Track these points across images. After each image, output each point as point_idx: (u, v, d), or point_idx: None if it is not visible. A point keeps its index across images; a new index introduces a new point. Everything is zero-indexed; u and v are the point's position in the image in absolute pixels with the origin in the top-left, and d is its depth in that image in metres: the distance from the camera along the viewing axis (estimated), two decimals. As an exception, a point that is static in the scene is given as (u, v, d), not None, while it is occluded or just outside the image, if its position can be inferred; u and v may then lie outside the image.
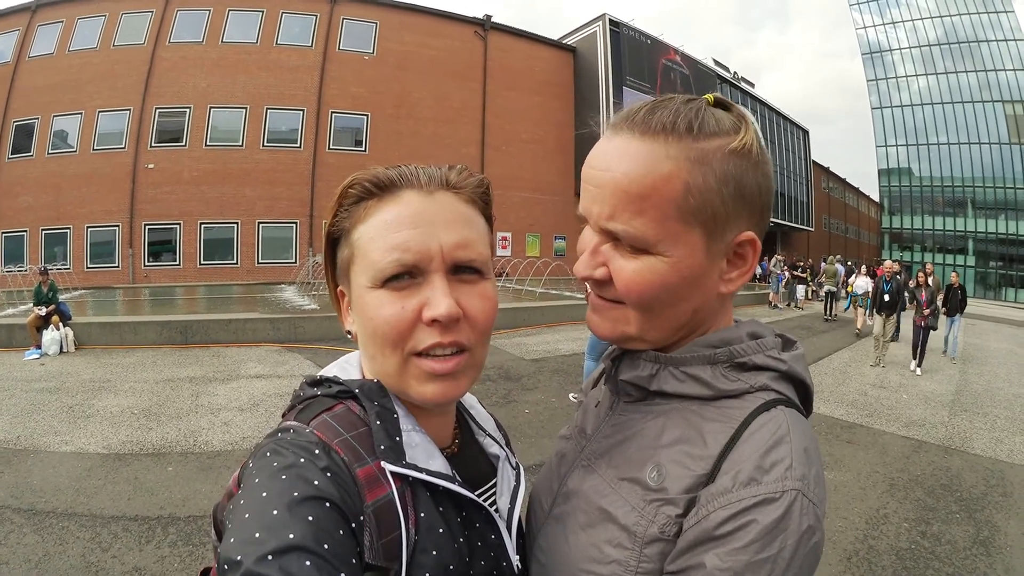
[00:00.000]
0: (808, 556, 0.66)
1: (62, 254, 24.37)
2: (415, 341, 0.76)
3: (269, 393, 8.08)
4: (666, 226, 0.76)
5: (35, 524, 4.34)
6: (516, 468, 0.97)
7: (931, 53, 56.42)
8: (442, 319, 0.74)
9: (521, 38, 32.20)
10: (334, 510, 0.63)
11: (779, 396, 0.79)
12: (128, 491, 4.96)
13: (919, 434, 7.28)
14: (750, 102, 43.36)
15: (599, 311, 0.85)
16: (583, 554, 0.80)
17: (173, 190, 24.84)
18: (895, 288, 12.21)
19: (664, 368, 0.85)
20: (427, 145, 27.96)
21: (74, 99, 24.87)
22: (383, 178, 0.79)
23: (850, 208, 66.55)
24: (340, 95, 27.10)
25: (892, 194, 61.63)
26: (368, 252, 0.77)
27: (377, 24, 28.03)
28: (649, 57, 33.40)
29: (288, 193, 25.95)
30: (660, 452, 0.80)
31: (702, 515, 0.70)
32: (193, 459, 5.74)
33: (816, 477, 0.71)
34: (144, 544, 4.12)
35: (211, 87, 25.46)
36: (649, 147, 0.76)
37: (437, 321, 0.74)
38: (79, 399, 7.62)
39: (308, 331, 12.17)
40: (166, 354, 10.59)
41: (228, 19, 26.13)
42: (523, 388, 8.75)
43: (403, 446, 0.76)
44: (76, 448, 5.94)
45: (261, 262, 25.86)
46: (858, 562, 4.23)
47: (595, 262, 0.81)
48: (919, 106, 57.53)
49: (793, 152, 49.19)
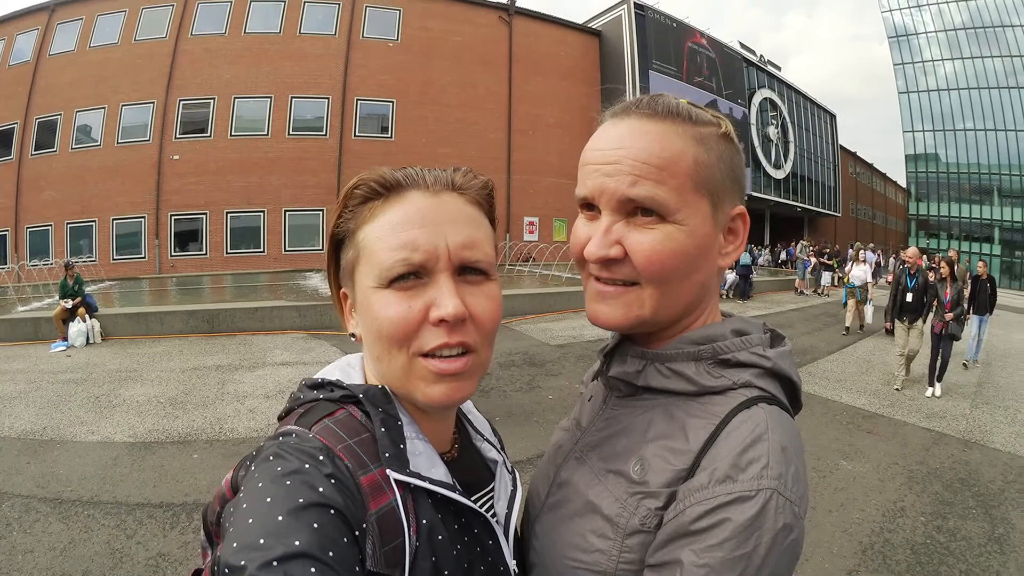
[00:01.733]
0: (785, 553, 0.67)
1: (87, 247, 24.58)
2: (421, 341, 0.75)
3: (295, 380, 8.05)
4: (683, 195, 0.79)
5: (60, 513, 4.40)
6: (512, 473, 0.98)
7: (957, 37, 55.66)
8: (449, 319, 0.74)
9: (546, 23, 31.90)
10: (338, 517, 0.63)
11: (762, 393, 0.80)
12: (153, 478, 5.04)
13: (940, 426, 7.23)
14: (777, 85, 42.67)
15: (608, 299, 0.84)
16: (570, 542, 0.83)
17: (199, 180, 24.95)
18: (921, 284, 9.05)
19: (650, 364, 0.87)
20: (453, 131, 27.93)
21: (97, 94, 25.08)
22: (389, 179, 0.79)
23: (877, 194, 65.50)
24: (365, 82, 27.00)
25: (919, 180, 60.93)
26: (374, 252, 0.77)
27: (401, 11, 27.89)
28: (675, 40, 32.90)
29: (315, 180, 25.91)
30: (645, 446, 0.82)
31: (679, 510, 0.72)
32: (219, 446, 5.88)
33: (794, 475, 0.71)
34: (168, 530, 4.19)
35: (235, 78, 25.52)
36: (660, 126, 0.81)
37: (444, 321, 0.74)
38: (105, 389, 7.72)
39: (335, 318, 11.63)
40: (193, 343, 10.77)
41: (250, 9, 26.19)
42: (547, 374, 8.83)
43: (407, 454, 0.76)
44: (102, 437, 6.06)
45: (288, 250, 25.91)
46: (873, 555, 4.23)
47: (609, 240, 0.81)
48: (945, 91, 56.75)
49: (820, 136, 48.33)
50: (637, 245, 0.79)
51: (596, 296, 0.85)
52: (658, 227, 0.79)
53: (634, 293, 0.82)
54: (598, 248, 0.81)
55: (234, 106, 25.55)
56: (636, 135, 0.80)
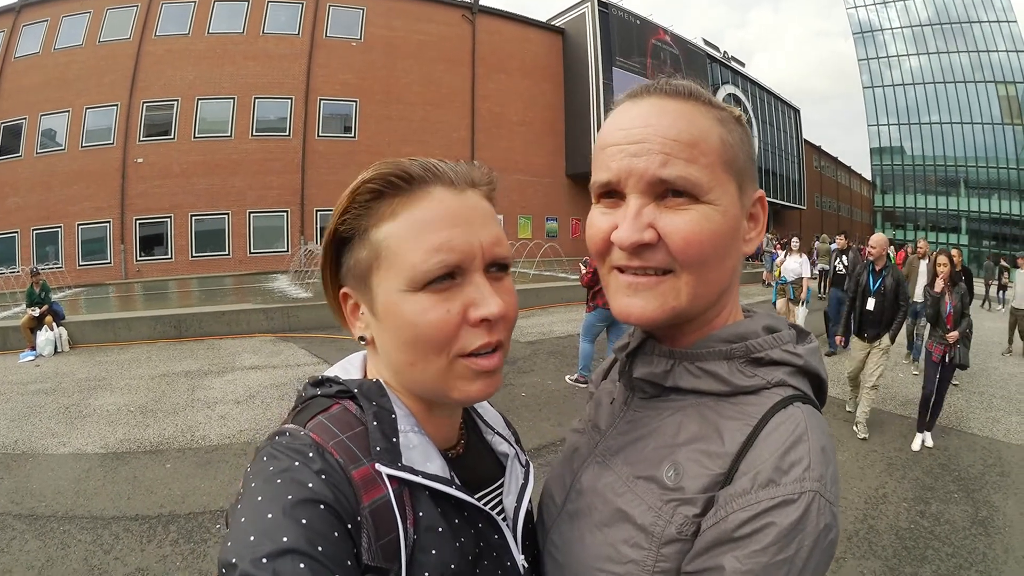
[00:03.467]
0: (824, 553, 0.67)
1: (54, 253, 24.21)
2: (463, 343, 0.74)
3: (265, 384, 8.07)
4: (715, 174, 0.76)
5: (36, 529, 4.33)
6: (526, 466, 0.95)
7: (923, 33, 56.41)
8: (493, 319, 0.74)
9: (509, 20, 32.07)
10: (329, 512, 0.64)
11: (796, 392, 0.78)
12: (127, 490, 4.97)
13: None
14: (741, 81, 43.35)
15: (641, 290, 0.78)
16: (599, 553, 0.79)
17: (163, 183, 24.72)
18: (891, 286, 6.39)
19: (679, 364, 0.84)
20: (417, 130, 28.00)
21: (61, 97, 24.72)
22: (412, 172, 0.75)
23: (842, 187, 66.59)
24: (328, 82, 26.98)
25: (884, 173, 61.73)
26: (403, 253, 0.73)
27: (364, 10, 27.88)
28: (639, 37, 33.33)
29: (279, 182, 25.85)
30: (677, 450, 0.79)
31: (721, 516, 0.69)
32: (191, 454, 5.72)
33: (832, 476, 0.71)
34: (146, 544, 4.12)
35: (198, 79, 25.31)
36: (683, 105, 0.78)
37: (486, 320, 0.74)
38: (75, 399, 7.59)
39: (302, 320, 12.16)
40: (161, 349, 10.59)
41: (214, 10, 25.96)
42: (519, 371, 8.75)
43: (400, 447, 0.75)
44: (74, 449, 5.90)
45: (253, 252, 25.81)
46: (858, 542, 4.24)
47: (641, 224, 0.75)
48: (911, 85, 57.56)
49: (784, 131, 49.10)
50: (673, 227, 0.75)
51: (626, 289, 0.79)
52: (693, 208, 0.75)
53: (669, 282, 0.77)
54: (630, 233, 0.75)
55: (198, 107, 25.34)
56: (661, 113, 0.77)
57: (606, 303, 6.46)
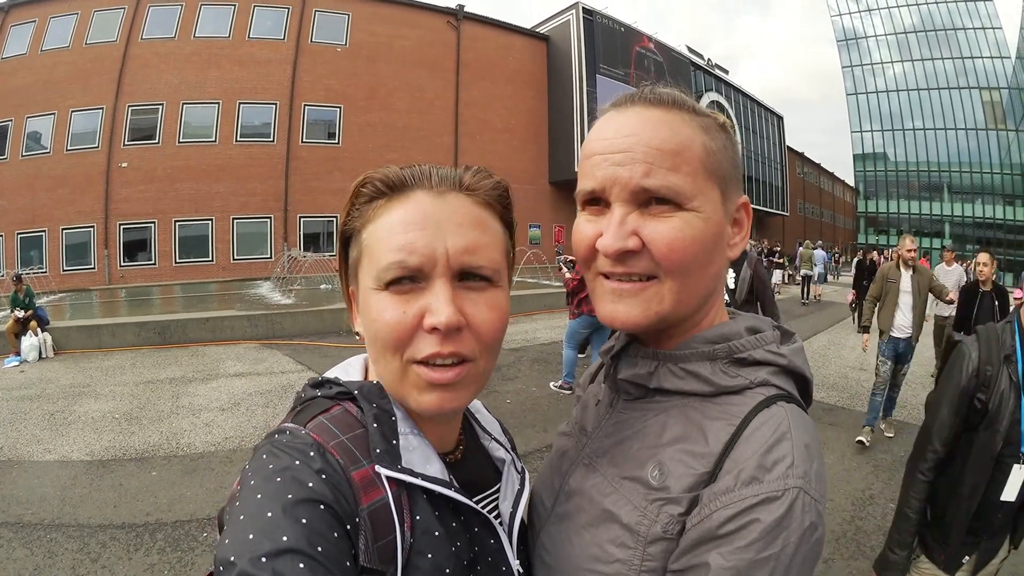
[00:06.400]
0: (810, 552, 0.68)
1: (38, 257, 24.03)
2: (414, 349, 0.74)
3: (249, 391, 8.10)
4: (697, 182, 0.78)
5: (23, 537, 4.30)
6: (521, 472, 0.95)
7: (907, 40, 57.03)
8: (442, 327, 0.72)
9: (494, 27, 32.12)
10: (328, 512, 0.63)
11: (780, 391, 0.80)
12: (113, 498, 4.95)
13: (901, 415, 7.25)
14: (724, 88, 43.66)
15: (626, 296, 0.80)
16: (587, 554, 0.81)
17: (147, 188, 24.55)
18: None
19: (663, 365, 0.85)
20: (400, 136, 27.95)
21: (47, 99, 24.48)
22: (394, 177, 0.78)
23: (825, 193, 67.29)
24: (313, 88, 26.90)
25: (867, 179, 62.49)
26: (374, 252, 0.76)
27: (349, 16, 27.84)
28: (623, 45, 33.47)
29: (262, 188, 25.76)
30: (661, 450, 0.80)
31: (705, 514, 0.71)
32: (176, 462, 5.70)
33: (817, 473, 0.71)
34: (132, 552, 4.11)
35: (184, 83, 25.14)
36: (667, 114, 0.80)
37: (437, 329, 0.72)
38: (60, 405, 7.57)
39: (286, 327, 12.19)
40: (145, 355, 10.58)
41: (200, 14, 25.78)
42: (503, 378, 8.83)
43: (399, 449, 0.75)
44: (60, 456, 5.87)
45: (237, 258, 25.68)
46: (846, 543, 4.31)
47: (625, 231, 0.77)
48: (894, 92, 58.31)
49: (768, 138, 49.55)
50: (656, 234, 0.76)
51: (612, 295, 0.81)
52: (676, 215, 0.77)
53: (653, 288, 0.79)
54: (614, 240, 0.77)
55: (183, 112, 25.17)
56: (645, 122, 0.79)
57: (591, 310, 6.78)
